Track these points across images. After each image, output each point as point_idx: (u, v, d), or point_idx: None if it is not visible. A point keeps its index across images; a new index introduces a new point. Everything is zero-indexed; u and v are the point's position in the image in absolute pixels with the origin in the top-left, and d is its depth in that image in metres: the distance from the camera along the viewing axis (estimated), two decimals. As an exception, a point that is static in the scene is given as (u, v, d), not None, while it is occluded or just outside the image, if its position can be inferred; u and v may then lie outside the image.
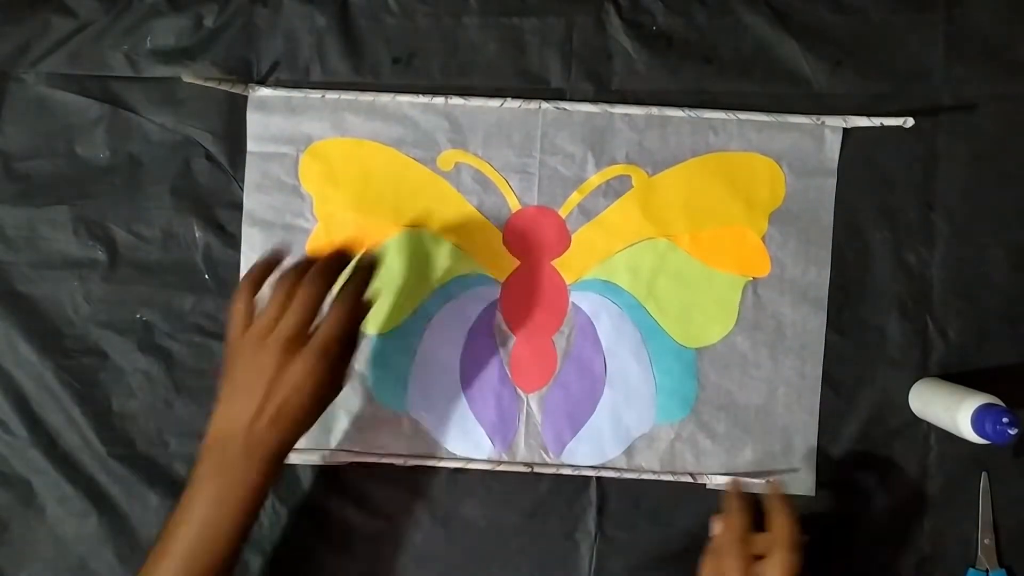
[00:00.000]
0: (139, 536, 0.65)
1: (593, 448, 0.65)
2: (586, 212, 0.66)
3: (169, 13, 0.66)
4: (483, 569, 0.66)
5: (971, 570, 0.64)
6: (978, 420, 0.55)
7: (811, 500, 0.65)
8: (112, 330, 0.66)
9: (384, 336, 0.66)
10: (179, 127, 0.66)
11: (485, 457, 0.65)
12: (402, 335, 0.66)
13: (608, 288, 0.66)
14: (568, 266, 0.66)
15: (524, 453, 0.65)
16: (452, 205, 0.66)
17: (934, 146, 0.65)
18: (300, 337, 0.52)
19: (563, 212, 0.66)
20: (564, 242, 0.66)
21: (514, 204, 0.66)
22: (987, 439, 0.55)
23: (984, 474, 0.64)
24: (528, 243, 0.66)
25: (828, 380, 0.65)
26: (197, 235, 0.66)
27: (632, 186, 0.65)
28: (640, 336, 0.65)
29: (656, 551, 0.65)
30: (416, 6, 0.66)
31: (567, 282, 0.66)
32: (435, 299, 0.66)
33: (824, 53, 0.65)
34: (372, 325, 0.65)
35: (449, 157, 0.66)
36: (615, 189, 0.65)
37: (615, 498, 0.65)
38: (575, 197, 0.65)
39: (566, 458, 0.65)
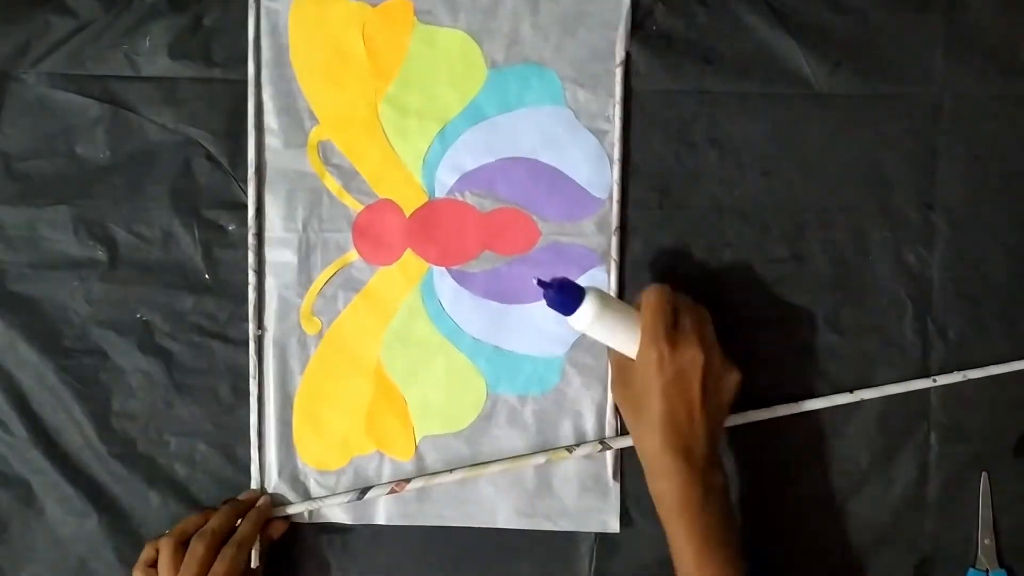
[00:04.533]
0: (139, 536, 0.65)
1: None
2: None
3: (169, 13, 0.66)
4: (484, 569, 0.66)
5: (971, 570, 0.64)
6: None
7: (811, 501, 0.65)
8: (112, 330, 0.66)
9: None
10: (179, 127, 0.66)
11: None
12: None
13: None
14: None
15: None
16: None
17: (934, 146, 0.65)
18: None
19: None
20: None
21: None
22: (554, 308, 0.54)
23: (984, 474, 0.64)
24: None
25: (828, 380, 0.65)
26: (197, 235, 0.66)
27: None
28: None
29: (656, 551, 0.65)
30: (416, 6, 0.66)
31: None
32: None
33: (824, 53, 0.65)
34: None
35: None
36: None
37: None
38: None
39: None
